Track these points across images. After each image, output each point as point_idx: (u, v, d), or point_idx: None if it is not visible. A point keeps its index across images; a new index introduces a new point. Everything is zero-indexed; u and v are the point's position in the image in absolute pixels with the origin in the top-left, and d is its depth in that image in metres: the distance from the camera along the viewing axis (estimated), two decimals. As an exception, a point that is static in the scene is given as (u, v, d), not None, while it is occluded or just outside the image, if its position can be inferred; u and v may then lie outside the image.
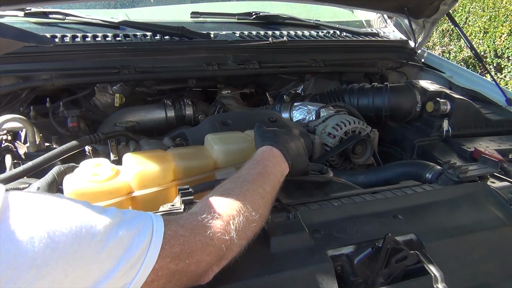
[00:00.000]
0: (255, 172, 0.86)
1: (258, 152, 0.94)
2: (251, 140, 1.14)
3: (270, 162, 0.91)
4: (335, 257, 0.81)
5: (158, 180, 1.03)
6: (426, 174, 1.18)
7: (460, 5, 5.54)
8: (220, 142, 1.13)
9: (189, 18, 1.91)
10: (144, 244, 0.61)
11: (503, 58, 5.17)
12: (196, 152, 1.14)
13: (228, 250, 0.72)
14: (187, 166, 1.07)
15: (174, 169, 1.06)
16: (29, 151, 1.29)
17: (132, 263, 0.59)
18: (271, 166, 0.90)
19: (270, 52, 1.80)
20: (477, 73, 2.44)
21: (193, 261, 0.67)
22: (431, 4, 1.85)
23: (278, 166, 0.91)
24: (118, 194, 0.97)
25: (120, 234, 0.59)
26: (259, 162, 0.90)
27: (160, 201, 1.00)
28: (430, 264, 0.83)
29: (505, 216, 0.98)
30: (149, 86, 1.73)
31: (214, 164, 1.11)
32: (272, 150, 0.94)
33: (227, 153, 1.11)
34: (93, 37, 1.65)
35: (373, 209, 0.95)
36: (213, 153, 1.13)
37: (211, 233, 0.69)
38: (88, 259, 0.55)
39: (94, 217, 0.59)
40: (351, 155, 1.42)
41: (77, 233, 0.55)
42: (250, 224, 0.76)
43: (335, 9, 2.31)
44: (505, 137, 1.57)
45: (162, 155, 1.09)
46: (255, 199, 0.79)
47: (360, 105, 1.67)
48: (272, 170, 0.89)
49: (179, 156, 1.08)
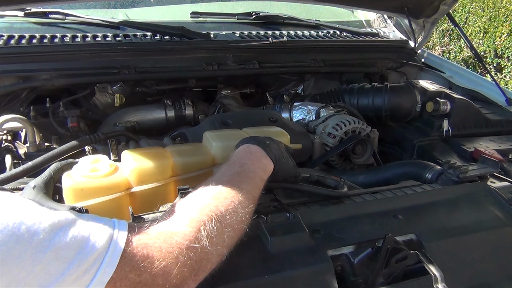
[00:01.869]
0: (230, 172, 0.80)
1: (233, 153, 0.87)
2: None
3: (248, 160, 0.84)
4: (335, 257, 0.81)
5: (157, 176, 1.03)
6: (426, 174, 1.18)
7: (460, 5, 5.55)
8: (218, 139, 1.13)
9: (189, 18, 1.91)
10: (100, 248, 0.55)
11: (503, 58, 5.17)
12: (194, 149, 1.14)
13: (202, 261, 0.65)
14: (186, 162, 1.07)
15: (173, 165, 1.06)
16: (29, 151, 1.29)
17: (85, 267, 0.53)
18: (249, 164, 0.83)
19: (270, 52, 1.80)
20: (477, 73, 2.44)
21: (159, 272, 0.59)
22: (431, 4, 1.85)
23: (257, 162, 0.84)
24: (117, 190, 0.97)
25: (71, 234, 0.53)
26: (235, 162, 0.84)
27: (159, 197, 1.00)
28: (430, 264, 0.83)
29: (505, 216, 0.98)
30: (149, 86, 1.73)
31: (212, 160, 1.11)
32: (249, 147, 0.87)
33: (225, 150, 1.11)
34: (93, 37, 1.65)
35: (373, 209, 0.95)
36: (211, 149, 1.13)
37: (178, 241, 0.63)
38: (28, 259, 0.50)
39: (38, 215, 0.53)
40: (351, 155, 1.42)
41: (14, 229, 0.50)
42: (226, 228, 0.69)
43: (335, 9, 2.31)
44: (505, 137, 1.57)
45: (161, 151, 1.09)
46: (230, 201, 0.72)
47: (360, 105, 1.67)
48: (250, 168, 0.82)
49: (178, 153, 1.09)
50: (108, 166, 0.99)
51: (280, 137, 1.17)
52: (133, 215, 0.83)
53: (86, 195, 0.93)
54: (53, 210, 0.56)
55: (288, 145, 1.17)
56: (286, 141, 1.19)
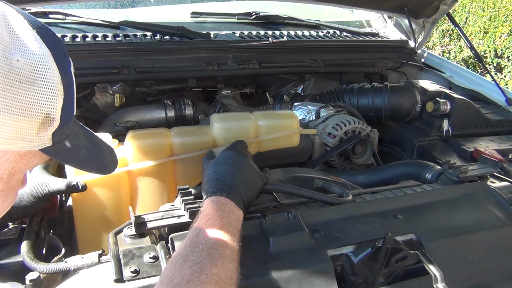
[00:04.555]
0: (213, 234, 0.73)
1: (206, 204, 0.82)
2: (254, 119, 1.14)
3: (223, 212, 0.79)
4: (335, 257, 0.81)
5: (153, 154, 1.03)
6: (426, 174, 1.18)
7: (460, 5, 5.54)
8: (220, 120, 1.14)
9: (189, 18, 1.91)
10: None
11: (503, 58, 5.17)
12: (196, 130, 1.15)
13: None
14: (185, 142, 1.08)
15: (171, 144, 1.06)
16: (29, 151, 1.29)
17: None
18: (226, 217, 0.78)
19: (270, 52, 1.80)
20: (477, 73, 2.44)
21: None
22: (431, 4, 1.85)
23: (232, 213, 0.80)
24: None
25: None
26: (210, 217, 0.77)
27: (156, 176, 1.01)
28: (430, 264, 0.83)
29: (505, 216, 0.98)
30: (149, 86, 1.73)
31: (213, 141, 1.11)
32: (219, 199, 0.82)
33: (226, 131, 1.11)
34: (93, 37, 1.65)
35: (373, 209, 0.95)
36: (213, 130, 1.13)
37: None
38: None
39: None
40: (351, 155, 1.42)
41: None
42: None
43: (335, 9, 2.31)
44: (505, 137, 1.57)
45: (162, 131, 1.10)
46: (226, 269, 0.68)
47: (360, 105, 1.67)
48: (227, 220, 0.78)
49: (178, 133, 1.09)
50: (111, 142, 1.01)
51: (289, 119, 1.19)
52: (133, 215, 0.83)
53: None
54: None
55: (298, 129, 1.17)
56: (295, 125, 1.18)
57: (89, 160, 0.65)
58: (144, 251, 0.80)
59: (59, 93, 0.54)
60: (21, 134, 0.52)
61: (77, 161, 0.63)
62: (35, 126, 0.52)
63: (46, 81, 0.52)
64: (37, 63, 0.52)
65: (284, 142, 1.20)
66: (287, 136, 1.19)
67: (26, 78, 0.51)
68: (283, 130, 1.18)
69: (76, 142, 0.61)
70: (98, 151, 0.67)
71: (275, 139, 1.17)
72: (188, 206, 0.86)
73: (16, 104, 0.50)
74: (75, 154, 0.61)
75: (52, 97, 0.53)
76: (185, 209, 0.86)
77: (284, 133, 1.18)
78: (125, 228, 0.85)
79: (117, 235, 0.84)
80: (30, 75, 0.51)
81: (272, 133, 1.16)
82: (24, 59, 0.50)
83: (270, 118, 1.17)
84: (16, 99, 0.50)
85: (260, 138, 1.14)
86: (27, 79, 0.51)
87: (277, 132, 1.17)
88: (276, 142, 1.18)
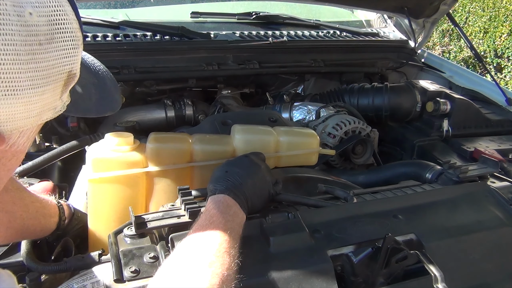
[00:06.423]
0: (216, 235, 0.71)
1: (211, 203, 0.80)
2: (275, 134, 1.14)
3: (228, 216, 0.77)
4: (335, 257, 0.81)
5: (173, 158, 1.05)
6: (426, 174, 1.18)
7: (460, 5, 5.54)
8: (242, 132, 1.13)
9: (189, 18, 1.91)
10: None
11: (503, 58, 5.17)
12: (217, 139, 1.15)
13: None
14: (205, 150, 1.08)
15: (191, 151, 1.07)
16: (29, 151, 1.29)
17: None
18: (230, 221, 0.76)
19: (270, 52, 1.80)
20: (477, 73, 2.44)
21: None
22: (431, 4, 1.85)
23: (236, 217, 0.78)
24: (135, 166, 1.00)
25: None
26: (215, 220, 0.75)
27: (174, 180, 1.03)
28: (430, 264, 0.83)
29: (505, 216, 0.98)
30: (149, 86, 1.73)
31: (233, 151, 1.11)
32: (225, 199, 0.80)
33: (247, 143, 1.11)
34: (93, 37, 1.65)
35: (373, 209, 0.95)
36: (234, 141, 1.13)
37: None
38: None
39: None
40: (351, 155, 1.42)
41: None
42: None
43: (335, 9, 2.31)
44: (505, 137, 1.57)
45: (183, 137, 1.11)
46: (228, 273, 0.66)
47: (360, 105, 1.67)
48: (231, 225, 0.76)
49: (199, 140, 1.10)
50: (132, 143, 1.03)
51: (310, 138, 1.17)
52: (134, 215, 0.83)
53: (104, 167, 0.97)
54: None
55: (318, 149, 1.17)
56: (315, 144, 1.18)
57: (101, 102, 0.58)
58: (144, 251, 0.80)
59: (79, 42, 0.47)
60: (47, 106, 0.45)
61: (93, 109, 0.57)
62: (58, 90, 0.46)
63: (65, 31, 0.44)
64: (52, 11, 0.43)
65: (302, 160, 1.19)
66: (306, 154, 1.19)
67: (44, 36, 0.42)
68: (303, 148, 1.17)
69: (82, 82, 0.53)
70: (102, 83, 0.59)
71: (294, 156, 1.17)
72: (188, 206, 0.86)
73: (40, 74, 0.42)
74: (88, 99, 0.55)
75: (72, 49, 0.46)
76: (185, 209, 0.86)
77: (304, 151, 1.17)
78: (125, 228, 0.85)
79: (117, 235, 0.84)
80: (48, 30, 0.42)
81: (291, 150, 1.15)
82: (37, 9, 0.41)
83: (292, 135, 1.17)
84: (40, 68, 0.42)
85: (280, 154, 1.14)
86: (46, 38, 0.42)
87: (296, 149, 1.16)
88: (295, 159, 1.18)
